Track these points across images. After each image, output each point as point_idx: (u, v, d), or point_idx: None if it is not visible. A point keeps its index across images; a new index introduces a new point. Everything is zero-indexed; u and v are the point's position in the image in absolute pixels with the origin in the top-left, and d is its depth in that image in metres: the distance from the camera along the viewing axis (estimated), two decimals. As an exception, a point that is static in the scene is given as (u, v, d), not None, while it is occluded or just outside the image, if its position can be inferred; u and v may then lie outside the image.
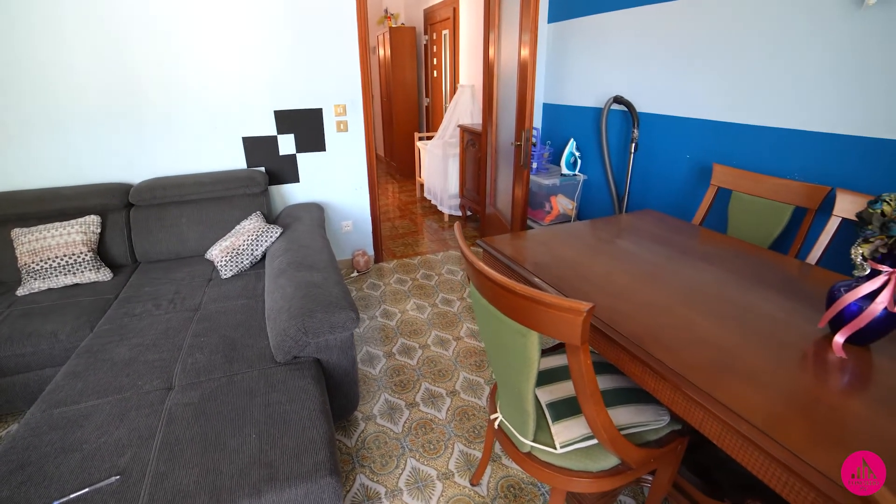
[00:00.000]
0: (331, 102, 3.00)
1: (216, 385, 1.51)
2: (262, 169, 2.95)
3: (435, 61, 5.94)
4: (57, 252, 2.21)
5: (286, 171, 3.04)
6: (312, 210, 2.81)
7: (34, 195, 2.40)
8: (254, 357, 1.65)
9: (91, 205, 2.44)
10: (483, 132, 3.60)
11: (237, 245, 2.37)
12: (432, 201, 4.87)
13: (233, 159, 2.89)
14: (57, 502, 1.11)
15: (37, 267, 2.18)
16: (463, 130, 4.17)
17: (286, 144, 2.98)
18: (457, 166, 4.40)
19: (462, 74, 5.04)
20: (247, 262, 2.36)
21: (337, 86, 2.97)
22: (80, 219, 2.36)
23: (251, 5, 2.65)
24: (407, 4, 6.69)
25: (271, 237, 2.41)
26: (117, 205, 2.51)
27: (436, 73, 5.97)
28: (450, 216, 4.54)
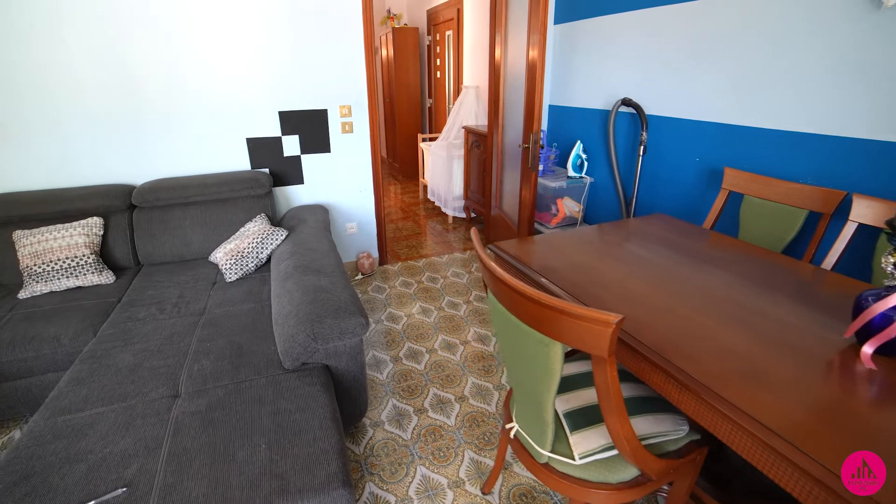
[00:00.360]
0: (336, 103, 2.97)
1: (223, 392, 1.48)
2: (267, 170, 2.92)
3: (438, 62, 5.91)
4: (59, 254, 2.18)
5: (290, 173, 3.01)
6: (317, 212, 2.78)
7: (36, 196, 2.37)
8: (261, 363, 1.62)
9: (93, 206, 2.41)
10: (489, 134, 3.58)
11: (242, 248, 2.34)
12: (436, 203, 4.85)
13: (237, 160, 2.86)
14: (63, 515, 1.08)
15: (39, 269, 2.14)
16: (467, 132, 4.14)
17: (291, 145, 2.95)
18: (461, 168, 4.37)
19: (466, 75, 5.02)
20: (252, 266, 2.33)
21: (342, 86, 2.95)
22: (83, 220, 2.33)
23: (255, 5, 2.62)
24: (410, 5, 6.66)
25: (277, 240, 2.38)
26: (120, 206, 2.48)
27: (439, 74, 5.94)
28: (454, 218, 4.51)
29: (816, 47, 1.84)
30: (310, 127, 2.95)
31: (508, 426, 1.33)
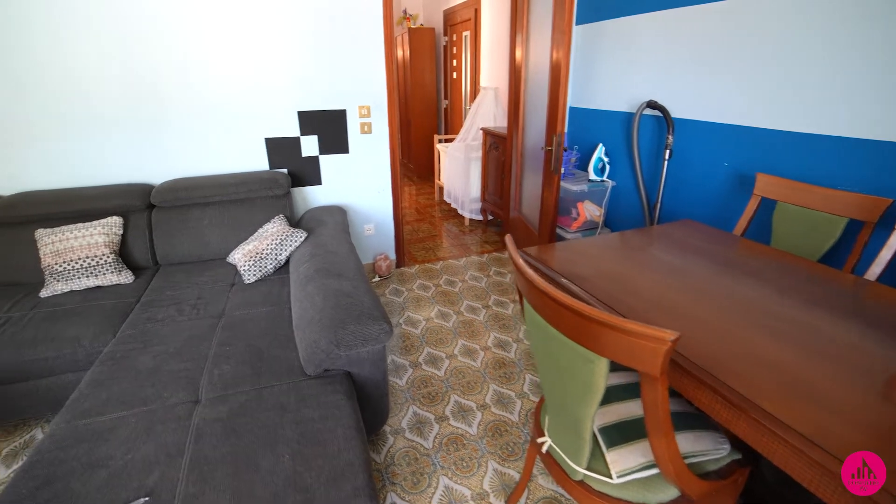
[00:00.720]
0: (355, 103, 2.94)
1: (244, 399, 1.45)
2: (285, 171, 2.90)
3: (454, 63, 5.87)
4: (79, 253, 2.17)
5: (308, 173, 2.98)
6: (335, 213, 2.75)
7: (56, 195, 2.37)
8: (282, 369, 1.59)
9: (113, 206, 2.40)
10: (508, 136, 3.53)
11: (261, 249, 2.31)
12: (452, 205, 4.80)
13: (255, 160, 2.84)
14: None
15: (59, 268, 2.13)
16: (486, 133, 4.09)
17: (309, 146, 2.93)
18: (479, 170, 4.32)
19: (483, 76, 4.97)
20: (271, 267, 2.30)
21: (361, 86, 2.92)
22: (103, 220, 2.32)
23: (276, 5, 2.60)
24: (426, 5, 6.63)
25: (296, 241, 2.35)
26: (139, 206, 2.47)
27: (455, 75, 5.90)
28: (470, 220, 4.46)
29: (860, 45, 1.75)
30: (329, 127, 2.93)
31: (540, 440, 1.28)
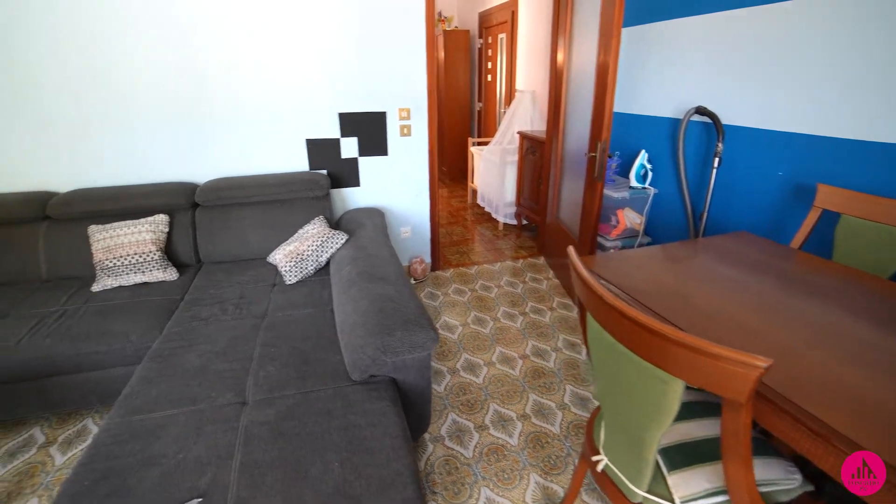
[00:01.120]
0: (395, 106, 2.94)
1: (291, 402, 1.44)
2: (325, 172, 2.91)
3: (489, 65, 5.84)
4: (128, 250, 2.23)
5: (347, 175, 3.00)
6: (374, 216, 2.75)
7: (108, 193, 2.43)
8: (327, 373, 1.58)
9: (159, 204, 2.46)
10: (547, 140, 3.47)
11: (302, 250, 2.32)
12: (486, 208, 4.76)
13: (296, 161, 2.87)
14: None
15: (110, 264, 2.19)
16: (522, 137, 4.04)
17: (349, 148, 2.94)
18: (514, 174, 4.27)
19: (520, 80, 4.91)
20: (311, 269, 2.31)
21: (402, 89, 2.91)
22: (150, 217, 2.37)
23: (320, 8, 2.61)
24: (461, 7, 6.61)
25: (337, 244, 2.36)
26: (184, 204, 2.52)
27: (490, 78, 5.86)
28: (504, 224, 4.41)
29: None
30: (368, 129, 2.93)
31: (595, 458, 1.24)
